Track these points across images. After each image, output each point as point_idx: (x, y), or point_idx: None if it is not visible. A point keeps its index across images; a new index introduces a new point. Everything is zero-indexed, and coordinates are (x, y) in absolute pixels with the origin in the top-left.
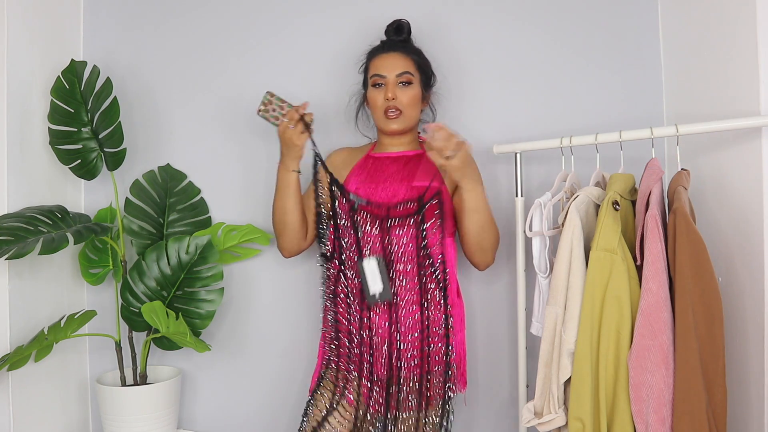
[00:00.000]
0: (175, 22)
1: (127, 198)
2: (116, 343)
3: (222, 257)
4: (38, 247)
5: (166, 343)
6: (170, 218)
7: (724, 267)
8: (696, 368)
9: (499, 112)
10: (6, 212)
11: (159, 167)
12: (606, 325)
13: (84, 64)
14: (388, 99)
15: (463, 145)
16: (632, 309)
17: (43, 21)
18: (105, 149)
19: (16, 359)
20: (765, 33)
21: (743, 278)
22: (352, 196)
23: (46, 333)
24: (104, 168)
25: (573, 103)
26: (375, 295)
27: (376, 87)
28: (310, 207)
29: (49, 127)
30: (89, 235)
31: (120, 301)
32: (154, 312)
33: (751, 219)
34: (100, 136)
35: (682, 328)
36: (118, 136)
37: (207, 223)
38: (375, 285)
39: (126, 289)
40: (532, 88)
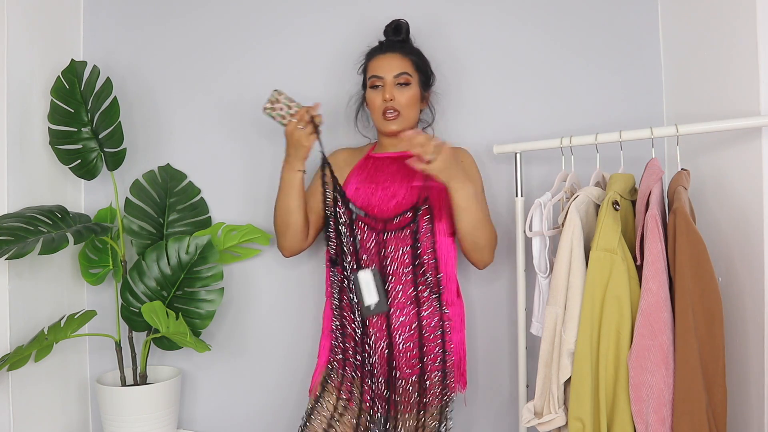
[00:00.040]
0: (175, 22)
1: (127, 198)
2: (116, 343)
3: (222, 257)
4: (38, 247)
5: (166, 343)
6: (170, 218)
7: (724, 267)
8: (696, 368)
9: (499, 112)
10: (6, 212)
11: (159, 167)
12: (606, 325)
13: (84, 64)
14: (386, 100)
15: (441, 147)
16: (632, 309)
17: (43, 21)
18: (105, 149)
19: (16, 359)
20: (765, 33)
21: (743, 278)
22: (351, 205)
23: (46, 333)
24: (104, 168)
25: (573, 103)
26: (370, 306)
27: (374, 88)
28: (311, 207)
29: (49, 127)
30: (89, 235)
31: (120, 301)
32: (154, 312)
33: (751, 219)
34: (100, 136)
35: (682, 328)
36: (118, 136)
37: (207, 223)
38: (370, 297)
39: (126, 289)
40: (532, 88)
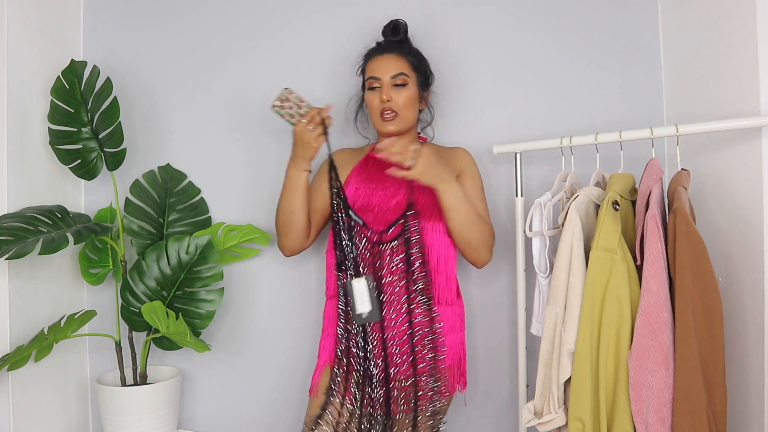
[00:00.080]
0: (175, 22)
1: (127, 198)
2: (116, 343)
3: (222, 257)
4: (38, 247)
5: (166, 343)
6: (170, 218)
7: (724, 267)
8: (696, 368)
9: (499, 112)
10: (6, 212)
11: (159, 167)
12: (606, 325)
13: (84, 64)
14: (383, 101)
15: (419, 151)
16: (632, 309)
17: (43, 21)
18: (105, 149)
19: (16, 359)
20: (765, 33)
21: (743, 278)
22: (351, 212)
23: (46, 333)
24: (104, 168)
25: (573, 103)
26: (362, 314)
27: (372, 90)
28: (313, 206)
29: (49, 127)
30: (89, 235)
31: (120, 301)
32: (154, 312)
33: (751, 219)
34: (100, 136)
35: (682, 328)
36: (118, 136)
37: (207, 223)
38: (363, 305)
39: (126, 289)
40: (532, 88)
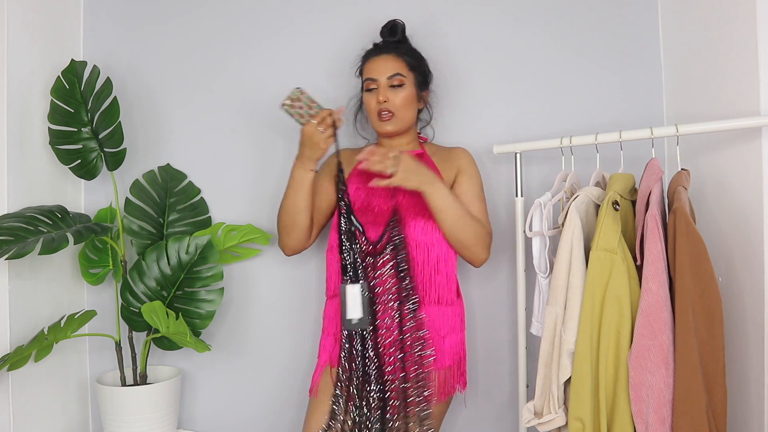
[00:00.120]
0: (175, 22)
1: (127, 198)
2: (116, 343)
3: (222, 257)
4: (38, 247)
5: (166, 343)
6: (170, 218)
7: (724, 267)
8: (696, 368)
9: (499, 112)
10: (6, 212)
11: (159, 167)
12: (606, 325)
13: (84, 64)
14: (380, 102)
15: (398, 158)
16: (632, 309)
17: (43, 21)
18: (105, 149)
19: (16, 359)
20: (765, 33)
21: (743, 278)
22: (352, 217)
23: (46, 333)
24: (104, 168)
25: (573, 103)
26: (351, 320)
27: (369, 91)
28: (316, 206)
29: (49, 127)
30: (89, 235)
31: (120, 301)
32: (154, 312)
33: (751, 219)
34: (100, 136)
35: (682, 328)
36: (118, 136)
37: (207, 223)
38: (354, 311)
39: (126, 289)
40: (532, 88)
